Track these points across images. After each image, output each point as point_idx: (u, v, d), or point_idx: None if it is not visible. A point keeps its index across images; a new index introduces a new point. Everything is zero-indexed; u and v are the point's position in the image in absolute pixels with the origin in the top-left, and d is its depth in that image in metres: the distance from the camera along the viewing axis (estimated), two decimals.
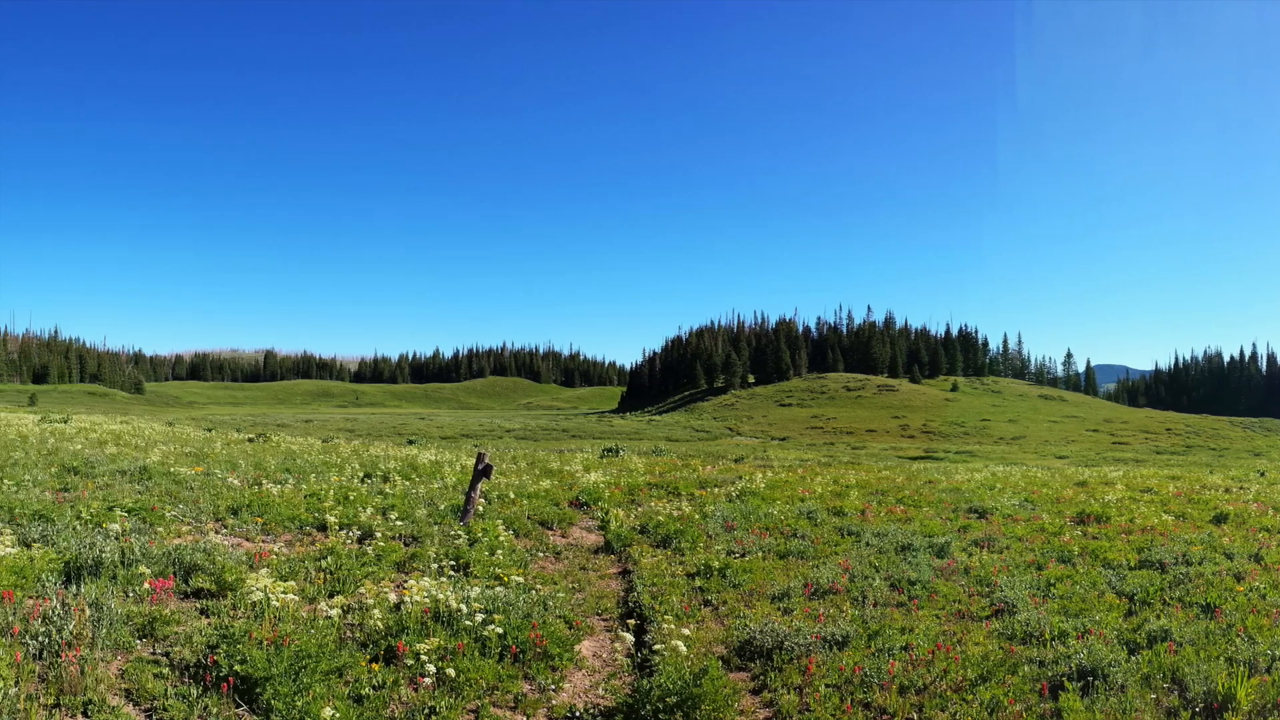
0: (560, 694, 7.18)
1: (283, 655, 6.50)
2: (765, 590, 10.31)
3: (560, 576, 11.16)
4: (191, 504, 13.74)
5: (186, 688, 6.41)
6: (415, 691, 6.73)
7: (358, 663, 7.07)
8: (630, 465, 28.32)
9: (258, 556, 10.37)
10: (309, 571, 9.91)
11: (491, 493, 16.74)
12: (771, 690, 7.26)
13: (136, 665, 6.78)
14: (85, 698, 6.02)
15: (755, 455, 49.51)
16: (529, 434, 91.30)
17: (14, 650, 6.29)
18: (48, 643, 6.65)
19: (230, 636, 6.93)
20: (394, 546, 11.39)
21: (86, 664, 6.37)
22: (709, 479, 22.39)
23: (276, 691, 6.12)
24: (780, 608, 9.54)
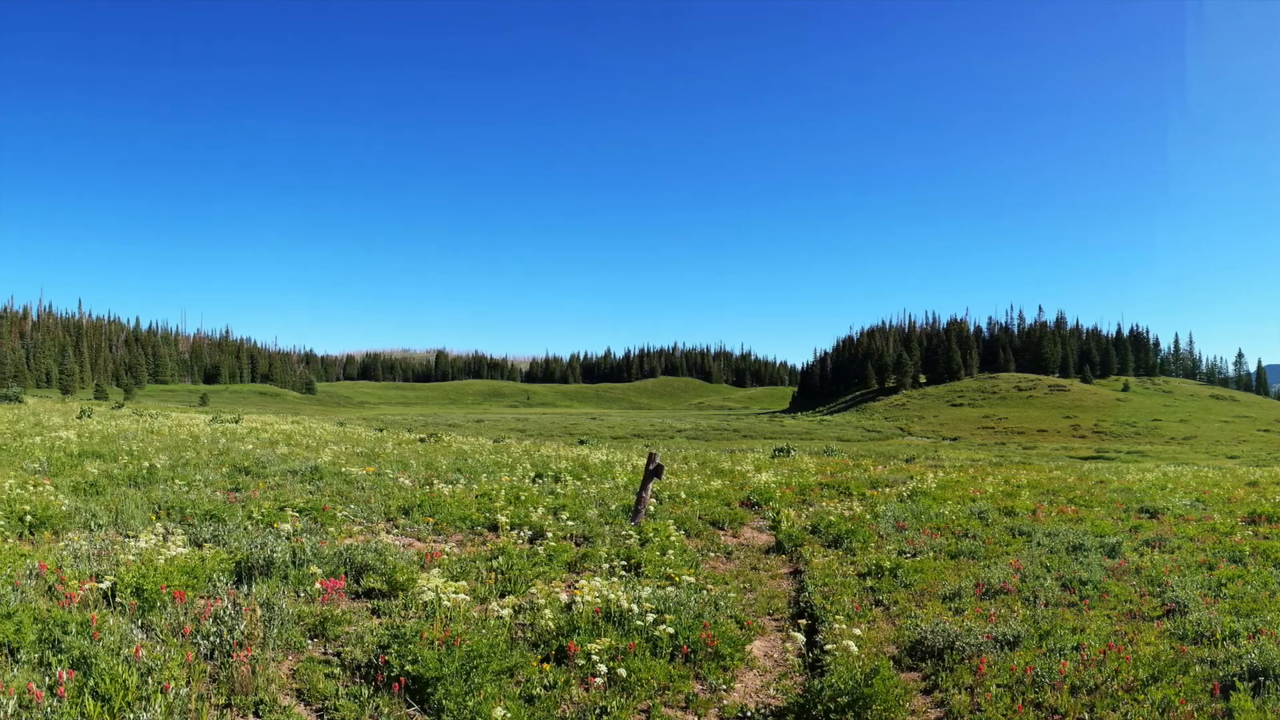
0: (731, 694, 8.96)
1: (454, 655, 8.06)
2: (936, 590, 12.84)
3: (731, 576, 13.94)
4: (363, 504, 17.20)
5: (358, 688, 8.04)
6: (586, 691, 8.39)
7: (529, 663, 8.77)
8: (801, 465, 34.86)
9: (429, 557, 12.94)
10: (480, 571, 12.27)
11: (663, 493, 21.12)
12: (942, 690, 9.04)
13: (308, 665, 8.53)
14: (256, 698, 7.68)
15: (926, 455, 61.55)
16: (700, 434, 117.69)
17: (185, 650, 8.07)
18: (219, 643, 8.48)
19: (401, 636, 8.63)
20: (565, 546, 14.18)
21: (257, 664, 8.08)
22: (880, 479, 27.88)
23: (448, 691, 7.62)
24: (951, 608, 11.83)
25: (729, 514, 19.28)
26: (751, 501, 22.13)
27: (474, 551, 14.03)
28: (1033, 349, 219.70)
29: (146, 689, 7.24)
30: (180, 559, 10.84)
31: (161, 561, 10.61)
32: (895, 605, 12.18)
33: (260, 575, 11.24)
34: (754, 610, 12.08)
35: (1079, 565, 14.31)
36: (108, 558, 11.33)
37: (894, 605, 12.19)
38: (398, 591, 11.15)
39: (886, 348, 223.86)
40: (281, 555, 11.71)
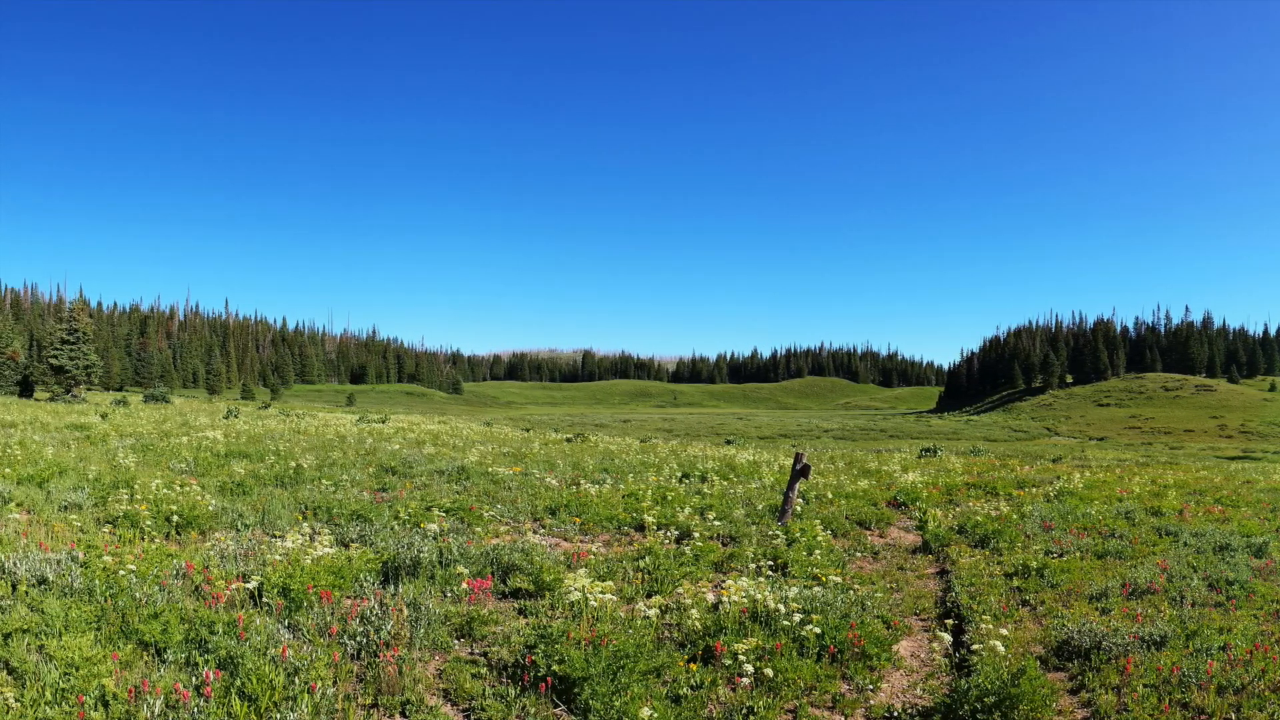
0: (878, 694, 9.18)
1: (600, 655, 8.31)
2: (1082, 590, 13.14)
3: (878, 576, 14.25)
4: (509, 504, 17.75)
5: (504, 687, 8.30)
6: (733, 691, 8.59)
7: (675, 663, 9.00)
8: (948, 465, 35.60)
9: (575, 557, 13.33)
10: (626, 571, 12.64)
11: (809, 493, 21.65)
12: (1089, 690, 9.23)
13: (454, 665, 8.82)
14: (403, 697, 7.94)
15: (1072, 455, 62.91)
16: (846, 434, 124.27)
17: (332, 650, 8.37)
18: (365, 643, 8.77)
19: (548, 636, 8.90)
20: (711, 546, 14.57)
21: (404, 664, 8.33)
22: (1026, 479, 28.57)
23: (594, 691, 7.84)
24: (1097, 608, 12.09)
25: (875, 514, 19.77)
26: (898, 501, 22.65)
27: (620, 551, 14.45)
28: (1179, 349, 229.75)
29: (293, 689, 7.51)
30: (327, 559, 11.26)
31: (308, 561, 11.02)
32: (1042, 605, 12.49)
33: (407, 575, 11.63)
34: (900, 610, 12.35)
35: (1225, 565, 14.57)
36: (254, 558, 11.79)
37: (1040, 605, 12.51)
38: (544, 591, 11.50)
39: (1033, 348, 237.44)
40: (428, 555, 12.10)
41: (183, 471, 20.95)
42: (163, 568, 10.61)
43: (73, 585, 9.71)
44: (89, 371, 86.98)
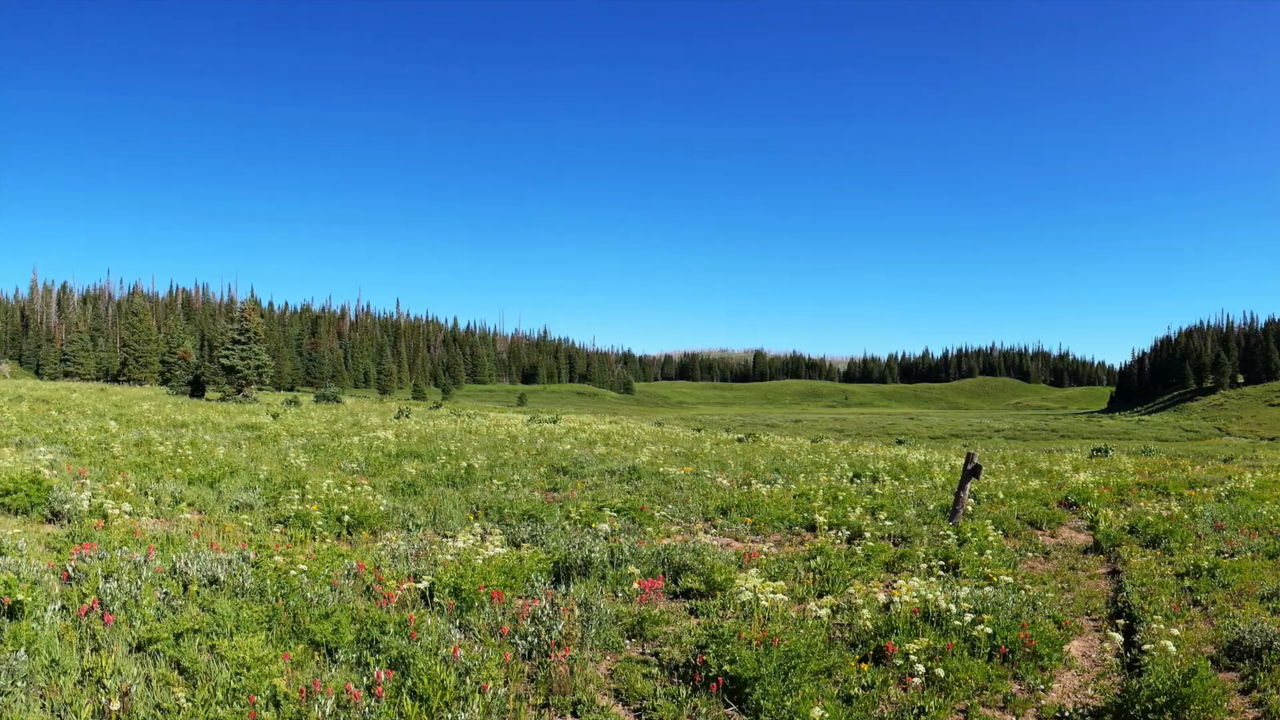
0: (1049, 694, 9.21)
1: (772, 655, 8.33)
2: (1254, 590, 13.13)
3: (1048, 576, 14.26)
4: (680, 504, 18.03)
5: (675, 687, 8.38)
6: (904, 691, 8.67)
7: (846, 663, 9.10)
8: (1119, 465, 35.26)
9: (746, 557, 13.51)
10: (798, 571, 12.80)
11: (980, 493, 21.83)
12: (1260, 690, 9.25)
13: (625, 665, 8.92)
14: (574, 697, 8.03)
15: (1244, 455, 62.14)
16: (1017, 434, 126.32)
17: (503, 650, 8.51)
18: (536, 643, 8.92)
19: (719, 636, 8.93)
20: (883, 546, 14.74)
21: (575, 664, 8.43)
22: (1197, 479, 28.29)
23: (765, 691, 7.91)
24: (1269, 608, 12.10)
25: (1046, 514, 19.85)
26: (1069, 501, 22.63)
27: (791, 551, 14.64)
28: None
29: (464, 689, 7.65)
30: (498, 559, 11.50)
31: (479, 561, 11.25)
32: (1213, 605, 12.48)
33: (578, 575, 11.82)
34: (1071, 610, 12.37)
35: None
36: (425, 558, 12.11)
37: (1211, 605, 12.50)
38: (715, 591, 11.62)
39: (1204, 348, 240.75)
40: (599, 555, 12.25)
41: (354, 471, 21.66)
42: (334, 568, 10.95)
43: (244, 585, 10.08)
44: (260, 372, 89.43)
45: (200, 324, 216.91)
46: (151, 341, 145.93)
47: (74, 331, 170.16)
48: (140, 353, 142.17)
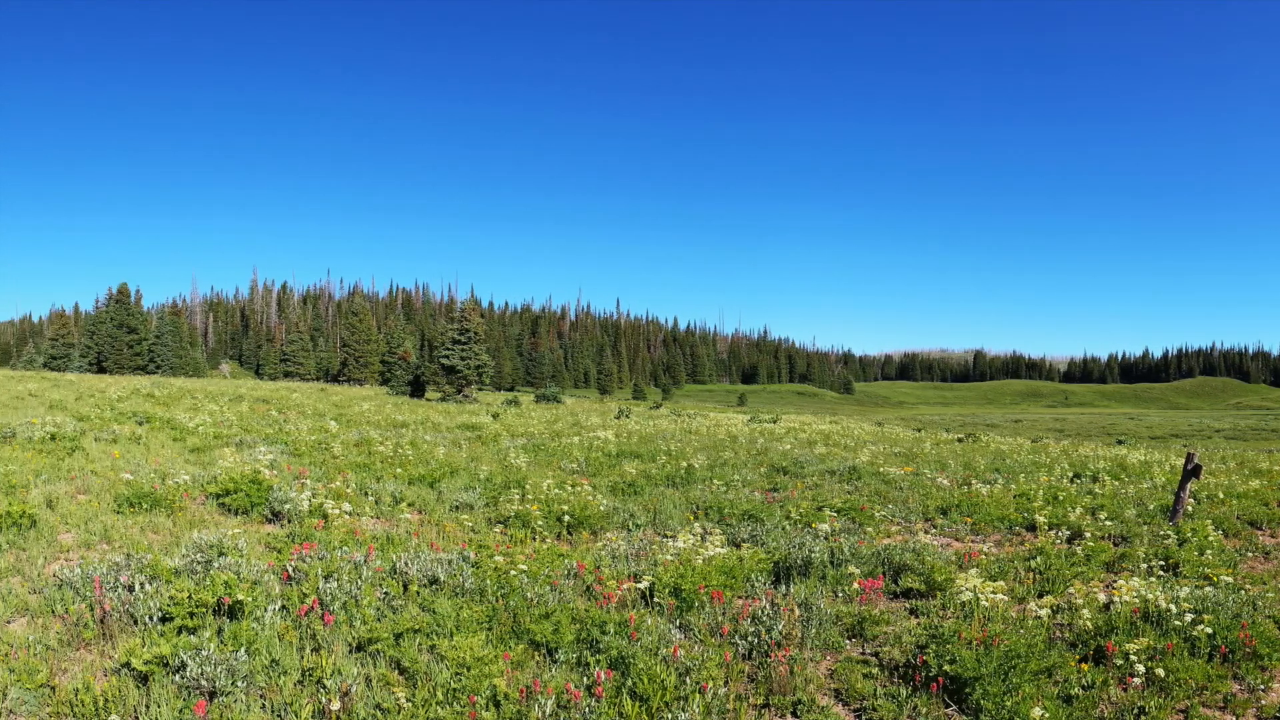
0: (1269, 694, 8.96)
1: (991, 655, 8.25)
2: None
3: (1269, 576, 13.81)
4: (900, 504, 17.95)
5: (895, 687, 8.35)
6: (1124, 691, 8.51)
7: (1066, 663, 8.94)
8: None
9: (966, 556, 13.37)
10: (1017, 571, 12.65)
11: (1199, 493, 21.19)
12: None
13: (845, 665, 8.88)
14: (794, 697, 8.02)
15: None
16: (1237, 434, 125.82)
17: (723, 650, 8.54)
18: (756, 643, 8.90)
19: (939, 636, 8.89)
20: (1103, 546, 14.49)
21: (795, 664, 8.42)
22: None
23: (985, 691, 7.85)
24: None
25: (1267, 514, 19.26)
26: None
27: (1011, 551, 14.50)
28: None
29: (684, 689, 7.68)
30: (718, 559, 11.52)
31: (699, 561, 11.29)
32: None
33: (798, 575, 11.78)
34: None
35: None
36: (645, 558, 12.23)
37: None
38: (935, 591, 11.54)
39: None
40: (819, 555, 12.22)
41: (574, 471, 22.01)
42: (554, 568, 11.14)
43: (464, 585, 10.31)
44: (480, 371, 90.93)
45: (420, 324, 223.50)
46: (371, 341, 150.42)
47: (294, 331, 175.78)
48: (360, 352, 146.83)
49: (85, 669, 7.90)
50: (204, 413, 35.11)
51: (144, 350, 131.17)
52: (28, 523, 12.58)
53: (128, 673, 7.60)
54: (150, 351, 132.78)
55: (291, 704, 7.33)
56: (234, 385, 77.99)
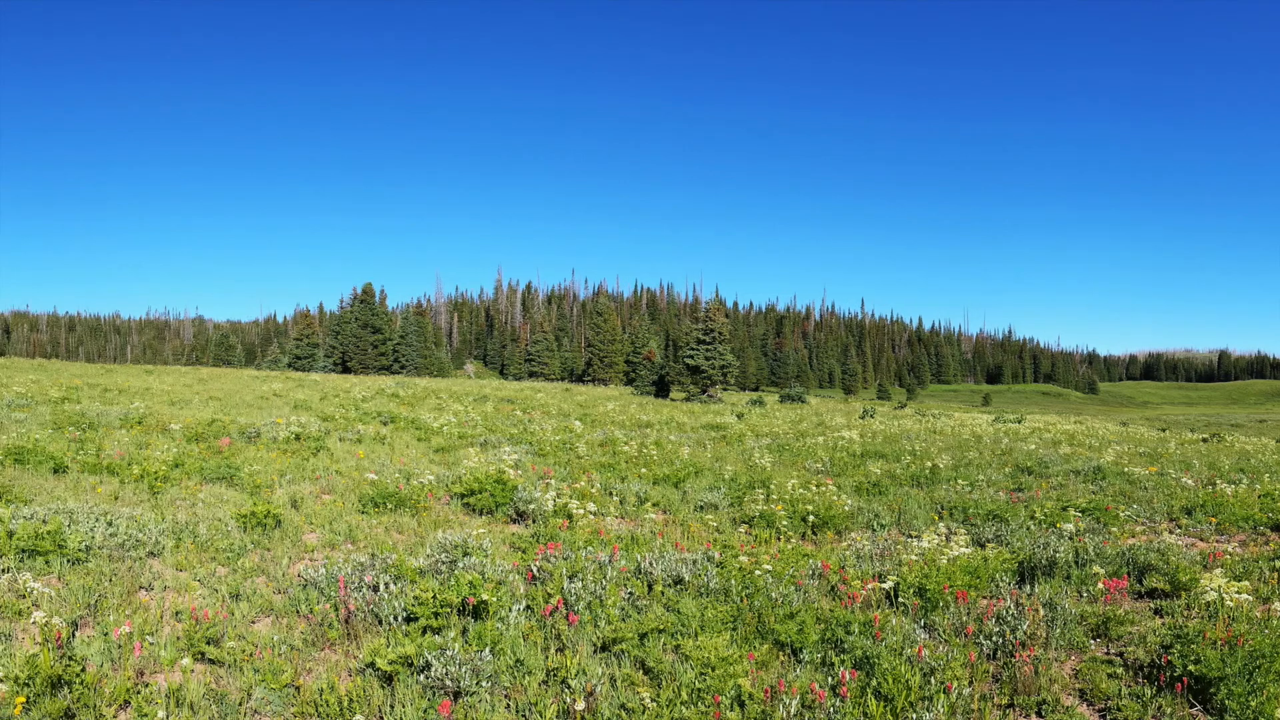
0: None
1: (1236, 656, 7.84)
2: None
3: None
4: (1145, 504, 17.14)
5: (1140, 687, 7.99)
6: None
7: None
8: None
9: (1211, 556, 12.73)
10: (1262, 571, 11.97)
11: None
12: None
13: (1090, 665, 8.55)
14: (1039, 697, 7.76)
15: None
16: None
17: (968, 650, 8.29)
18: (1000, 643, 8.62)
19: (1184, 636, 8.47)
20: None
21: (1040, 664, 8.11)
22: None
23: (1230, 692, 7.49)
24: None
25: None
26: None
27: (1256, 551, 13.75)
28: None
29: (929, 689, 7.48)
30: (963, 559, 11.19)
31: (944, 561, 10.98)
32: None
33: (1042, 575, 11.37)
34: None
35: None
36: (890, 558, 11.96)
37: None
38: (1179, 591, 11.03)
39: None
40: (1064, 555, 11.79)
41: (818, 471, 21.69)
42: (799, 568, 10.99)
43: (708, 585, 10.20)
44: (724, 371, 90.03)
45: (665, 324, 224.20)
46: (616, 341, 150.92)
47: (538, 331, 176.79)
48: (605, 352, 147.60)
49: (330, 669, 8.02)
50: (448, 413, 35.80)
51: (388, 350, 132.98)
52: (272, 523, 12.92)
53: (372, 673, 7.71)
54: (395, 351, 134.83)
55: (536, 704, 7.33)
56: (478, 385, 78.96)
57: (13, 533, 10.63)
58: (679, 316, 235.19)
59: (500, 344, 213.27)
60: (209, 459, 18.22)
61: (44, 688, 6.69)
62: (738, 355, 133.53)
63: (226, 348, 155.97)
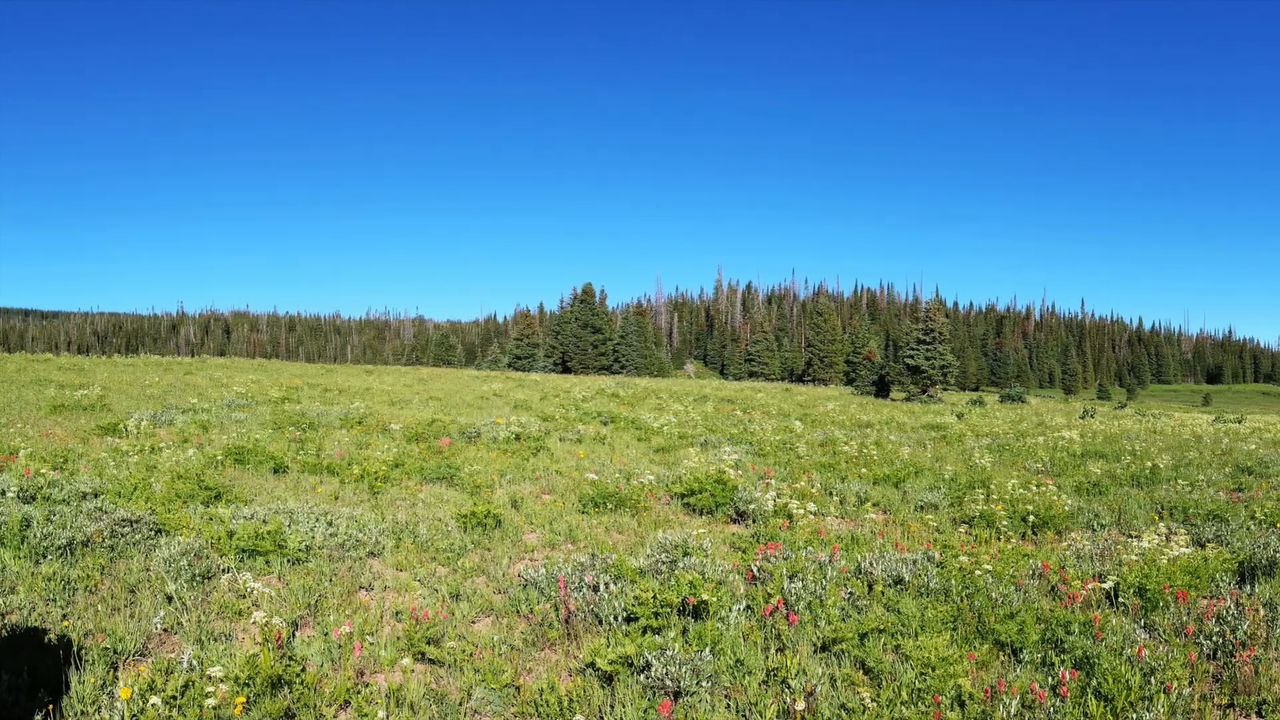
0: None
1: None
2: None
3: None
4: None
5: None
6: None
7: None
8: None
9: None
10: None
11: None
12: None
13: None
14: (1259, 697, 7.52)
15: None
16: None
17: (1188, 650, 8.06)
18: (1221, 643, 8.36)
19: None
20: None
21: (1260, 664, 7.85)
22: None
23: None
24: None
25: None
26: None
27: None
28: None
29: (1149, 689, 7.31)
30: (1183, 559, 10.80)
31: (1164, 561, 10.64)
32: None
33: (1263, 575, 10.89)
34: None
35: None
36: (1110, 557, 11.60)
37: None
38: None
39: None
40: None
41: (1038, 471, 21.01)
42: (1018, 568, 10.75)
43: (928, 585, 10.04)
44: (944, 371, 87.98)
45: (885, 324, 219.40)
46: (836, 341, 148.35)
47: (758, 331, 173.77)
48: (824, 352, 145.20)
49: (550, 669, 7.93)
50: (668, 413, 35.21)
51: (608, 350, 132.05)
52: (492, 523, 12.76)
53: (592, 673, 7.59)
54: (614, 351, 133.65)
55: (756, 704, 7.23)
56: (698, 385, 77.80)
57: (233, 533, 10.74)
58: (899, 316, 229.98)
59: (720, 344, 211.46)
60: (429, 459, 18.32)
61: (264, 688, 6.70)
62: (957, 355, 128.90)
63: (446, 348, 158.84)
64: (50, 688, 6.71)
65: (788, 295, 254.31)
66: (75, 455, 16.77)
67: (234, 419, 24.68)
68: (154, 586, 9.35)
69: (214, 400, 30.18)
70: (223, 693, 6.49)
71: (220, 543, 10.63)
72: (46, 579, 9.10)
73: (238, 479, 15.55)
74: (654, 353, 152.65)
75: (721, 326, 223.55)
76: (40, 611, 8.38)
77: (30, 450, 16.46)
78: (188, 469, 15.40)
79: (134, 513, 11.24)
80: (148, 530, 10.95)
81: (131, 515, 11.10)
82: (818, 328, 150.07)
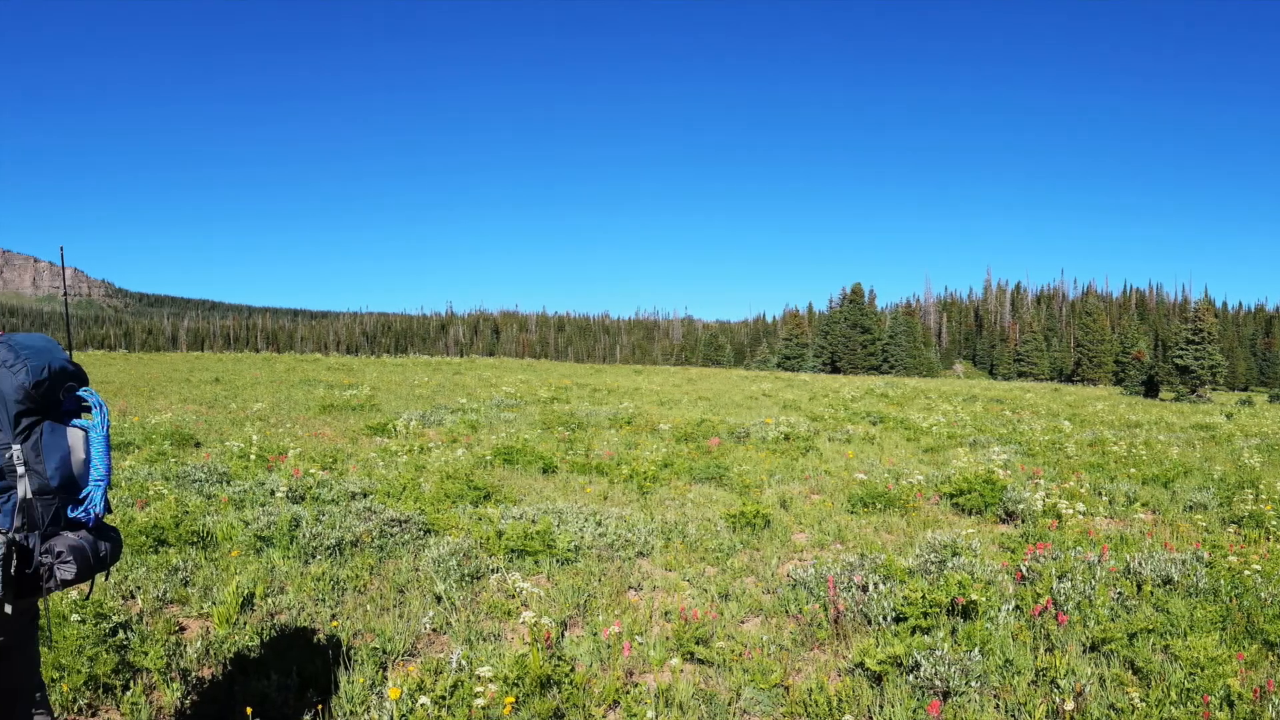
0: None
1: None
2: None
3: None
4: None
5: None
6: None
7: None
8: None
9: None
10: None
11: None
12: None
13: None
14: None
15: None
16: None
17: None
18: None
19: None
20: None
21: None
22: None
23: None
24: None
25: None
26: None
27: None
28: None
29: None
30: None
31: None
32: None
33: None
34: None
35: None
36: None
37: None
38: None
39: None
40: None
41: None
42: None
43: (1197, 585, 9.26)
44: (1213, 371, 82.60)
45: (1154, 324, 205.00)
46: (1105, 342, 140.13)
47: (1027, 331, 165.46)
48: (1093, 353, 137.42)
49: (819, 669, 7.52)
50: (937, 413, 33.22)
51: (877, 350, 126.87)
52: (761, 523, 12.18)
53: (861, 673, 7.22)
54: (883, 351, 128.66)
55: (1025, 704, 6.82)
56: (967, 385, 73.89)
57: (501, 533, 10.41)
58: (1167, 316, 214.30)
59: (989, 344, 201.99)
60: (697, 459, 17.56)
61: (533, 688, 6.49)
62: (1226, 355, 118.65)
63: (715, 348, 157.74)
64: (319, 687, 6.58)
65: (1056, 295, 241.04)
66: (344, 455, 16.83)
67: (503, 419, 24.36)
68: (423, 586, 9.15)
69: (482, 400, 29.95)
70: (491, 692, 6.32)
71: (489, 543, 10.39)
72: (315, 579, 9.00)
73: (506, 479, 15.24)
74: (922, 352, 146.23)
75: (990, 326, 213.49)
76: (309, 611, 8.27)
77: (299, 450, 16.40)
78: (456, 469, 15.19)
79: (403, 513, 11.06)
80: (416, 530, 10.81)
81: (400, 515, 10.92)
82: (1086, 328, 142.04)
